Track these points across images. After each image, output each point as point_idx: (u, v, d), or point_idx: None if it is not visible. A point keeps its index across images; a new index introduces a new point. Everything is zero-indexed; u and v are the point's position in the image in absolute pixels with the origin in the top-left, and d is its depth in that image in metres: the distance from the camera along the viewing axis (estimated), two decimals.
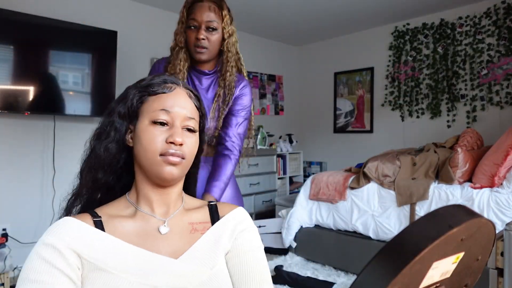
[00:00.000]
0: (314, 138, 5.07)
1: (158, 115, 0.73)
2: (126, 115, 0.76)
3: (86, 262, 0.66)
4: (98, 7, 3.28)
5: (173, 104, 0.75)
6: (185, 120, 0.75)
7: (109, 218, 0.73)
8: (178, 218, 0.78)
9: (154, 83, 0.77)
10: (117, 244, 0.69)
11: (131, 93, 0.77)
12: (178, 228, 0.76)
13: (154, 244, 0.72)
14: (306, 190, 3.11)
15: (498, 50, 3.49)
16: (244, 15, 3.95)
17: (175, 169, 0.73)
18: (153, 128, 0.73)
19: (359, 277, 0.40)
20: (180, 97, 0.77)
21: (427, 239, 0.39)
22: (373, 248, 2.64)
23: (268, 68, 4.86)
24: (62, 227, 0.67)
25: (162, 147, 0.72)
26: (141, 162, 0.74)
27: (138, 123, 0.75)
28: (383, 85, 4.33)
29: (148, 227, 0.74)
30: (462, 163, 2.53)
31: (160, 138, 0.72)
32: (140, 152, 0.73)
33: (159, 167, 0.72)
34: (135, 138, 0.75)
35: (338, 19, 4.12)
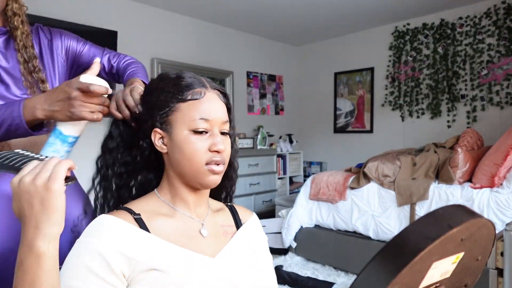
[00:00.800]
0: (314, 138, 5.07)
1: (198, 124, 0.72)
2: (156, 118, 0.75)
3: (135, 262, 0.64)
4: (98, 7, 3.28)
5: (210, 111, 0.74)
6: (221, 125, 0.76)
7: (149, 216, 0.72)
8: (210, 220, 0.80)
9: (181, 88, 0.74)
10: (163, 245, 0.69)
11: (156, 97, 0.75)
12: (213, 230, 0.79)
13: (198, 245, 0.74)
14: (306, 190, 3.11)
15: (498, 50, 3.49)
16: (244, 15, 3.95)
17: (218, 177, 0.75)
18: (195, 138, 0.72)
19: (359, 277, 0.40)
20: (213, 102, 0.75)
21: (427, 239, 0.39)
22: (373, 248, 2.64)
23: (268, 68, 4.86)
24: (106, 227, 0.66)
25: (207, 157, 0.72)
26: (184, 170, 0.73)
27: (173, 132, 0.73)
28: (383, 85, 4.33)
29: (189, 228, 0.75)
30: (462, 163, 2.53)
31: (203, 148, 0.72)
32: (183, 161, 0.73)
33: (205, 177, 0.73)
34: (173, 147, 0.73)
35: (338, 19, 4.12)
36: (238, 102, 4.48)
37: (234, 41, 4.45)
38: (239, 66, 4.49)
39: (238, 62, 4.48)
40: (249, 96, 4.62)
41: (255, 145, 4.27)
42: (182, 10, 3.79)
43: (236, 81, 4.44)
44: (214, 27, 4.23)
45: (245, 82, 4.58)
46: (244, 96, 4.57)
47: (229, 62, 4.37)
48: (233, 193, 0.91)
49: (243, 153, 3.95)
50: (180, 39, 3.92)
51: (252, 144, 4.26)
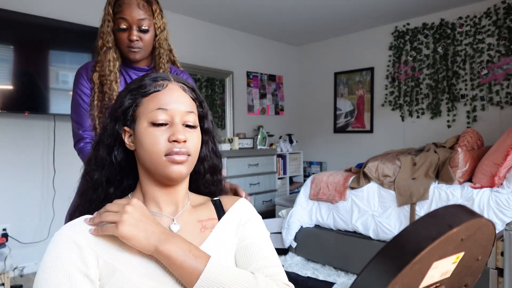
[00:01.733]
0: (314, 138, 5.07)
1: (156, 115, 0.72)
2: (120, 118, 0.75)
3: (103, 263, 0.65)
4: (98, 7, 3.27)
5: (169, 101, 0.73)
6: (184, 115, 0.74)
7: None
8: (186, 216, 0.78)
9: (145, 83, 0.75)
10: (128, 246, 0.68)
11: (122, 97, 0.76)
12: (188, 226, 0.76)
13: None
14: (306, 190, 3.11)
15: (498, 50, 3.49)
16: (244, 15, 3.95)
17: (182, 167, 0.72)
18: (153, 129, 0.71)
19: (359, 277, 0.40)
20: (174, 92, 0.75)
21: (427, 239, 0.39)
22: (373, 248, 2.64)
23: (268, 68, 4.86)
24: (80, 224, 0.68)
25: (166, 147, 0.71)
26: (146, 164, 0.73)
27: (136, 126, 0.74)
28: (383, 85, 4.33)
29: None
30: (462, 163, 2.53)
31: (162, 139, 0.71)
32: (144, 155, 0.72)
33: (165, 168, 0.71)
34: (136, 141, 0.74)
35: (338, 19, 4.12)
36: (238, 102, 4.48)
37: (234, 41, 4.45)
38: (239, 66, 4.49)
39: (238, 62, 4.48)
40: (249, 96, 4.62)
41: (255, 145, 4.27)
42: (182, 10, 3.79)
43: (236, 81, 4.44)
44: (214, 27, 4.23)
45: (245, 82, 4.58)
46: (244, 96, 4.57)
47: (229, 62, 4.37)
48: (220, 192, 0.88)
49: (243, 153, 3.95)
50: (180, 39, 3.92)
51: (252, 144, 4.26)
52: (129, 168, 0.79)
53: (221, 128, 4.30)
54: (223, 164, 0.87)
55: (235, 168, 3.82)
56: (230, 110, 4.34)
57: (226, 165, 3.73)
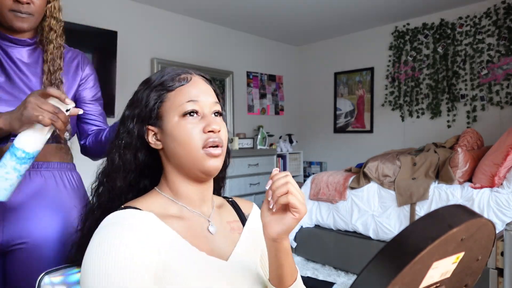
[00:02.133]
0: (314, 138, 5.07)
1: (187, 106, 0.70)
2: (146, 118, 0.72)
3: (163, 256, 0.62)
4: (98, 7, 3.28)
5: (197, 93, 0.71)
6: (212, 106, 0.73)
7: (159, 215, 0.68)
8: (216, 216, 0.77)
9: (168, 78, 0.72)
10: (181, 244, 0.66)
11: (144, 95, 0.73)
12: (220, 227, 0.76)
13: (207, 244, 0.71)
14: (306, 190, 3.11)
15: (498, 50, 3.49)
16: (244, 15, 3.96)
17: (219, 160, 0.71)
18: (186, 121, 0.69)
19: (359, 277, 0.40)
20: (200, 85, 0.73)
21: (427, 239, 0.39)
22: (373, 248, 2.64)
23: (268, 68, 4.86)
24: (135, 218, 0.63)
25: (202, 139, 0.69)
26: (181, 160, 0.70)
27: (164, 122, 0.71)
28: (383, 85, 4.33)
29: (198, 226, 0.72)
30: (462, 163, 2.53)
31: (196, 130, 0.69)
32: (178, 150, 0.69)
33: (203, 162, 0.69)
34: (167, 138, 0.70)
35: (338, 19, 4.12)
36: (238, 102, 4.48)
37: (234, 41, 4.45)
38: (239, 66, 4.49)
39: (238, 62, 4.48)
40: (249, 96, 4.62)
41: (255, 145, 4.27)
42: (182, 10, 3.79)
43: (236, 81, 4.44)
44: (214, 27, 4.23)
45: (245, 82, 4.58)
46: (244, 96, 4.57)
47: (229, 62, 4.37)
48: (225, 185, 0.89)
49: (243, 153, 3.95)
50: (180, 39, 3.92)
51: (252, 144, 4.26)
52: (147, 169, 0.77)
53: None
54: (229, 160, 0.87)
55: (235, 168, 3.82)
56: (230, 110, 4.34)
57: None
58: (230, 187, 3.74)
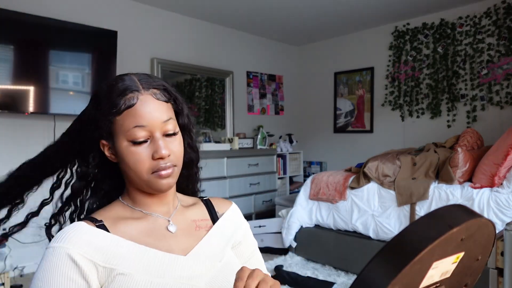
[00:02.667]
0: (314, 138, 5.07)
1: (135, 134, 0.68)
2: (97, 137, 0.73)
3: (102, 269, 0.64)
4: (98, 7, 3.28)
5: (144, 116, 0.69)
6: (162, 126, 0.70)
7: (113, 222, 0.71)
8: (179, 216, 0.78)
9: (114, 101, 0.69)
10: (128, 247, 0.68)
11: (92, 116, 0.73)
12: (183, 225, 0.77)
13: (165, 243, 0.72)
14: (306, 190, 3.11)
15: (498, 50, 3.49)
16: (244, 15, 3.95)
17: (170, 179, 0.71)
18: (135, 149, 0.69)
19: (359, 277, 0.40)
20: (147, 104, 0.70)
21: (427, 239, 0.39)
22: (373, 248, 2.64)
23: (268, 68, 4.86)
24: (75, 232, 0.66)
25: (152, 165, 0.69)
26: (133, 180, 0.72)
27: (115, 143, 0.71)
28: (383, 85, 4.33)
29: (155, 226, 0.74)
30: (462, 163, 2.52)
31: (145, 157, 0.69)
32: (129, 172, 0.71)
33: (154, 183, 0.70)
34: (118, 157, 0.72)
35: (338, 19, 4.12)
36: (238, 102, 4.48)
37: (234, 41, 4.45)
38: (239, 66, 4.49)
39: (238, 62, 4.48)
40: (249, 96, 4.62)
41: (255, 145, 4.27)
42: (182, 10, 3.79)
43: (236, 81, 4.44)
44: (214, 27, 4.23)
45: (245, 82, 4.58)
46: (244, 96, 4.57)
47: (229, 62, 4.37)
48: (199, 185, 0.88)
49: (243, 153, 3.95)
50: (180, 39, 3.92)
51: (252, 144, 4.26)
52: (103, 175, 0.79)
53: (221, 128, 4.30)
54: (199, 157, 0.85)
55: (235, 168, 3.82)
56: (230, 110, 4.33)
57: (226, 165, 3.73)
58: (230, 187, 3.74)
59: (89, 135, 0.73)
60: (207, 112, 4.18)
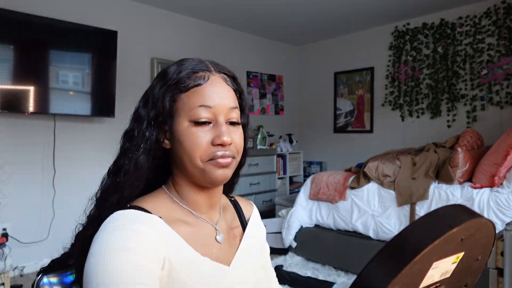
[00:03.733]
0: (314, 138, 5.07)
1: (199, 113, 0.63)
2: (159, 119, 0.66)
3: (168, 264, 0.59)
4: (98, 7, 3.28)
5: (212, 97, 0.65)
6: (228, 112, 0.66)
7: (167, 220, 0.64)
8: (222, 222, 0.74)
9: (183, 76, 0.65)
10: (189, 251, 0.63)
11: (161, 94, 0.66)
12: (225, 233, 0.73)
13: (214, 252, 0.69)
14: (306, 190, 3.11)
15: (498, 50, 3.49)
16: (244, 15, 3.95)
17: (228, 171, 0.66)
18: (196, 130, 0.64)
19: (359, 277, 0.40)
20: (217, 86, 0.66)
21: (427, 239, 0.39)
22: (373, 248, 2.64)
23: (268, 68, 4.86)
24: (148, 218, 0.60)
25: (210, 151, 0.64)
26: (187, 167, 0.65)
27: (174, 123, 0.65)
28: (383, 85, 4.33)
29: (205, 234, 0.69)
30: (462, 163, 2.52)
31: (205, 141, 0.63)
32: (184, 158, 0.64)
33: (209, 173, 0.64)
34: (174, 141, 0.66)
35: (338, 19, 4.12)
36: None
37: (234, 41, 4.45)
38: (239, 66, 4.49)
39: (238, 62, 4.48)
40: (249, 96, 4.62)
41: (255, 145, 4.27)
42: (182, 10, 3.79)
43: None
44: (214, 27, 4.23)
45: (245, 82, 4.58)
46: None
47: (229, 62, 4.34)
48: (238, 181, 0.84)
49: None
50: (180, 39, 3.92)
51: (252, 144, 4.25)
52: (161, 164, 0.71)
53: None
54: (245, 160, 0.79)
55: None
56: None
57: None
58: None
59: (156, 121, 0.66)
60: None
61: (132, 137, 0.67)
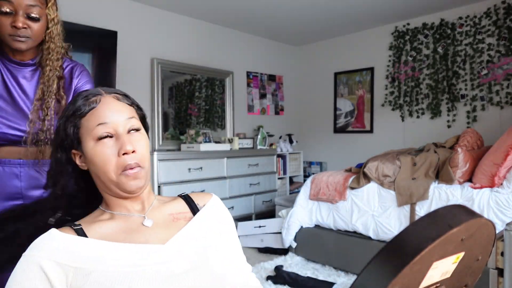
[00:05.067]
0: (314, 138, 5.07)
1: (98, 130, 0.72)
2: (64, 145, 0.76)
3: (71, 269, 0.66)
4: (98, 7, 3.28)
5: (107, 114, 0.73)
6: (126, 123, 0.75)
7: (89, 225, 0.74)
8: (156, 211, 0.80)
9: (78, 105, 0.75)
10: (101, 245, 0.70)
11: (61, 125, 0.76)
12: (160, 220, 0.78)
13: (142, 237, 0.73)
14: (306, 190, 3.11)
15: (498, 50, 3.49)
16: (244, 15, 3.95)
17: (139, 181, 0.74)
18: (101, 146, 0.72)
19: (359, 277, 0.40)
20: (110, 104, 0.75)
21: (427, 239, 0.39)
22: (373, 248, 2.64)
23: (268, 68, 4.86)
24: (47, 240, 0.68)
25: (119, 164, 0.72)
26: (105, 182, 0.74)
27: (83, 147, 0.74)
28: (383, 85, 4.33)
29: (131, 224, 0.76)
30: (462, 163, 2.52)
31: (111, 153, 0.72)
32: (99, 174, 0.73)
33: (124, 185, 0.73)
34: (88, 161, 0.75)
35: (338, 19, 4.12)
36: (238, 102, 4.48)
37: (234, 41, 4.45)
38: (239, 66, 4.49)
39: (238, 62, 4.48)
40: (249, 96, 4.62)
41: (255, 145, 4.27)
42: (182, 10, 3.79)
43: (236, 81, 4.44)
44: (214, 27, 4.23)
45: (245, 82, 4.58)
46: (244, 96, 4.57)
47: (229, 62, 4.37)
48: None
49: (243, 153, 3.95)
50: (180, 39, 3.92)
51: (252, 144, 4.25)
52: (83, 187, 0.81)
53: (221, 128, 4.30)
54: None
55: (235, 168, 3.82)
56: (230, 110, 4.33)
57: (226, 165, 3.73)
58: (230, 187, 3.74)
59: (67, 149, 0.76)
60: (207, 112, 4.18)
61: (51, 166, 0.79)
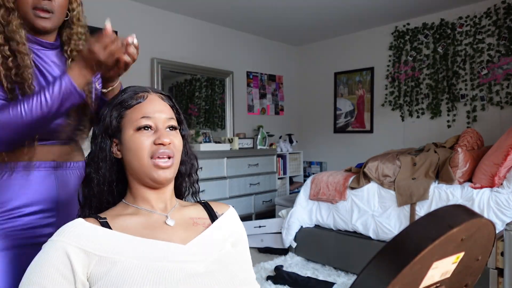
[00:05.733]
0: (314, 138, 5.07)
1: (141, 122, 0.79)
2: (108, 132, 0.81)
3: (96, 257, 0.68)
4: (98, 7, 3.28)
5: (151, 110, 0.80)
6: (166, 121, 0.81)
7: (114, 218, 0.77)
8: (178, 213, 0.83)
9: (126, 97, 0.81)
10: (125, 238, 0.73)
11: (107, 113, 0.82)
12: (181, 221, 0.82)
13: (164, 235, 0.77)
14: (306, 190, 3.11)
15: (498, 50, 3.49)
16: (244, 15, 3.95)
17: (167, 172, 0.79)
18: (139, 134, 0.78)
19: (359, 277, 0.40)
20: (155, 102, 0.82)
21: (427, 239, 0.39)
22: (373, 248, 2.64)
23: (268, 68, 4.86)
24: (74, 227, 0.72)
25: (152, 150, 0.77)
26: (134, 167, 0.79)
27: (123, 135, 0.80)
28: (383, 85, 4.33)
29: (153, 221, 0.79)
30: (462, 163, 2.53)
31: (148, 142, 0.78)
32: (131, 158, 0.78)
33: (152, 172, 0.77)
34: (123, 149, 0.80)
35: (338, 19, 4.12)
36: (238, 102, 4.48)
37: (234, 41, 4.45)
38: (239, 66, 4.49)
39: (238, 62, 4.48)
40: (249, 96, 4.62)
41: (255, 145, 4.27)
42: (182, 10, 3.79)
43: (236, 81, 4.44)
44: (214, 27, 4.23)
45: (245, 82, 4.58)
46: (244, 96, 4.57)
47: (229, 62, 4.37)
48: (197, 192, 0.94)
49: (243, 153, 3.95)
50: (180, 39, 3.92)
51: (252, 144, 4.25)
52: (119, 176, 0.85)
53: (221, 128, 4.30)
54: (198, 165, 0.94)
55: (235, 168, 3.82)
56: (230, 110, 4.33)
57: (226, 165, 3.73)
58: (230, 187, 3.74)
59: (110, 136, 0.82)
60: (207, 112, 4.18)
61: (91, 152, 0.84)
